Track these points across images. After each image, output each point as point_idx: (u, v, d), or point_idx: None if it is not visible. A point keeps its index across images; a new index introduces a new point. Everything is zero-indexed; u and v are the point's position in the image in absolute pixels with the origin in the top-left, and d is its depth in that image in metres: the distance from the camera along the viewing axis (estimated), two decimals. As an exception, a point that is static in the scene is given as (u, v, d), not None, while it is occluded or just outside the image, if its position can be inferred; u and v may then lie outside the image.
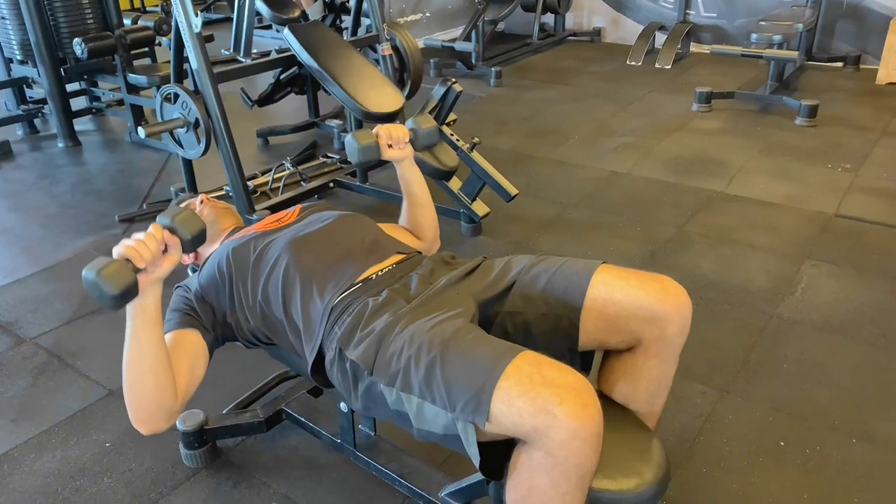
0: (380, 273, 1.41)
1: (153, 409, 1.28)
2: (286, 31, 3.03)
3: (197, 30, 2.53)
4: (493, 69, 4.95)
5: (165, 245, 1.22)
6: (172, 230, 1.23)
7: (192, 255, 1.71)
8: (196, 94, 2.62)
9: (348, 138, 1.60)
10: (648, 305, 1.24)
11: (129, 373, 1.26)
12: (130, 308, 1.20)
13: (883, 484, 1.66)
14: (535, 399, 1.01)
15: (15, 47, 3.87)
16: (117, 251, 1.18)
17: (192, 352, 1.39)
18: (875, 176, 3.32)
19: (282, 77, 3.71)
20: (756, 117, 4.17)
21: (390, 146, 1.63)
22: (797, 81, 4.71)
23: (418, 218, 1.74)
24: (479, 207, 2.85)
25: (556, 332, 1.31)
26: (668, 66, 5.19)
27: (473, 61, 5.15)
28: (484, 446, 1.11)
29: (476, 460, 1.11)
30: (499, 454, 1.14)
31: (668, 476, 1.21)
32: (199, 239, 1.26)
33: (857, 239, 2.77)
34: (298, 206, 1.65)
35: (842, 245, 2.73)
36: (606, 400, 1.35)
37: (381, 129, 1.62)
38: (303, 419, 1.77)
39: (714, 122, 4.12)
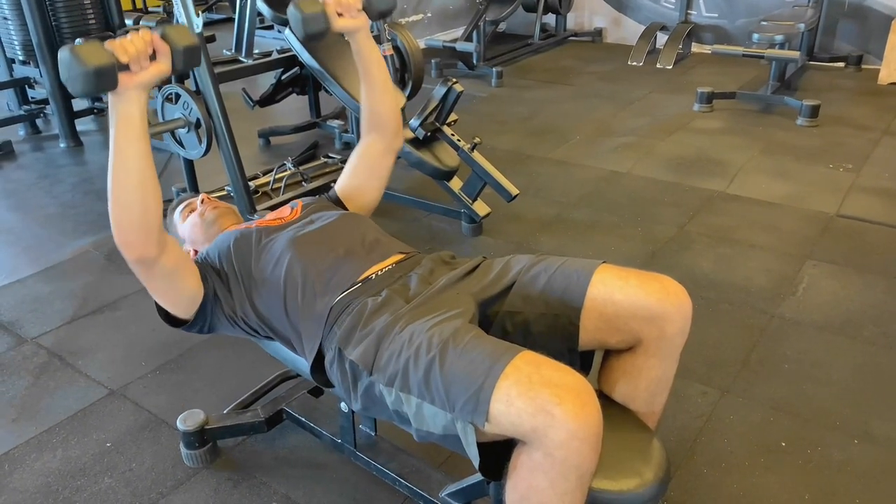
0: (380, 273, 1.40)
1: (141, 229, 1.23)
2: (287, 31, 3.03)
3: (198, 30, 2.54)
4: (494, 69, 4.95)
5: (154, 52, 1.17)
6: (164, 37, 1.17)
7: (193, 254, 1.71)
8: (197, 94, 2.63)
9: (290, 9, 1.40)
10: (648, 305, 1.24)
11: (115, 191, 1.21)
12: (114, 115, 1.16)
13: (884, 484, 1.65)
14: (533, 399, 1.01)
15: (17, 48, 3.87)
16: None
17: (188, 262, 1.40)
18: (876, 176, 3.32)
19: (283, 77, 3.71)
20: (757, 117, 4.17)
21: (341, 15, 1.45)
22: (799, 81, 4.71)
23: (378, 104, 1.61)
24: (480, 207, 2.85)
25: (555, 331, 1.31)
26: (670, 67, 5.19)
27: (474, 61, 5.15)
28: (483, 447, 1.11)
29: (475, 461, 1.11)
30: (498, 454, 1.14)
31: (669, 476, 1.20)
32: (192, 54, 1.19)
33: (858, 239, 2.77)
34: (300, 203, 1.64)
35: (843, 245, 2.72)
36: (606, 400, 1.35)
37: None
38: (303, 419, 1.77)
39: (715, 122, 4.12)
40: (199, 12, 2.53)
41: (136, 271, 1.32)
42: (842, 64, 5.06)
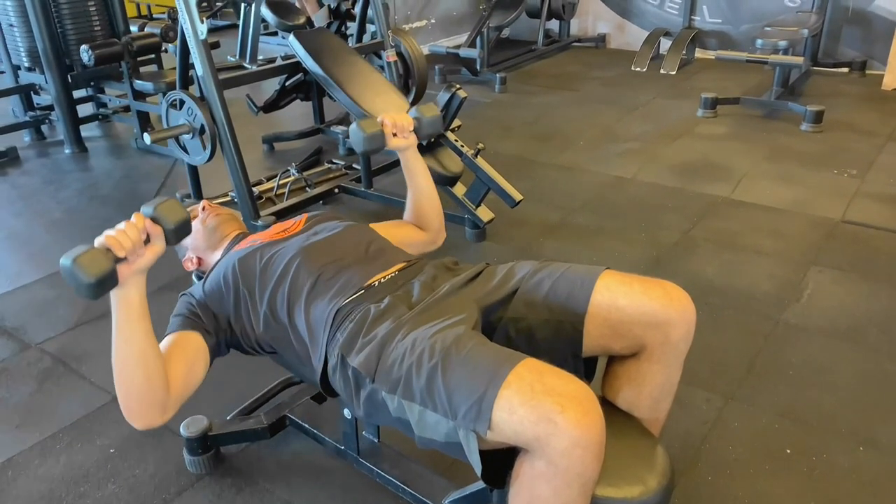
0: (383, 280, 1.40)
1: (144, 403, 1.26)
2: (291, 37, 3.04)
3: (203, 36, 2.55)
4: (497, 75, 4.96)
5: (148, 236, 1.20)
6: (155, 220, 1.20)
7: (195, 261, 1.72)
8: (202, 100, 2.64)
9: (353, 127, 1.60)
10: (652, 311, 1.24)
11: (118, 367, 1.24)
12: (114, 301, 1.19)
13: (891, 491, 1.64)
14: (536, 407, 1.00)
15: (23, 54, 3.89)
16: (97, 241, 1.16)
17: (191, 351, 1.39)
18: (881, 182, 3.31)
19: (287, 83, 3.72)
20: (761, 123, 4.17)
21: (395, 135, 1.64)
22: (803, 87, 4.70)
23: (424, 208, 1.74)
24: (484, 213, 2.85)
25: (559, 338, 1.31)
26: (674, 72, 5.19)
27: (478, 67, 5.16)
28: (486, 454, 1.10)
29: (478, 468, 1.11)
30: (501, 462, 1.13)
31: (673, 484, 1.20)
32: (183, 229, 1.23)
33: (863, 245, 2.76)
34: (304, 216, 1.65)
35: (848, 251, 2.71)
36: (610, 406, 1.35)
37: (386, 118, 1.62)
38: (306, 425, 1.76)
39: (719, 128, 4.11)
40: (204, 19, 2.54)
41: None
42: (846, 69, 5.06)
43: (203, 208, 1.74)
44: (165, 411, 1.30)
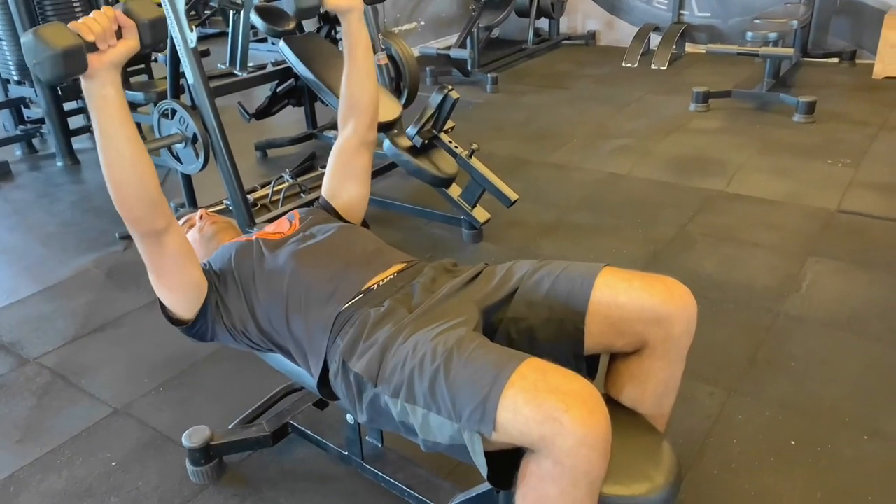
0: (382, 283, 1.40)
1: (144, 202, 1.25)
2: (281, 43, 3.03)
3: (192, 45, 2.53)
4: (489, 75, 4.96)
5: (120, 29, 1.16)
6: (128, 12, 1.16)
7: None
8: (193, 109, 2.63)
9: None
10: (653, 307, 1.23)
11: (109, 172, 1.21)
12: (91, 100, 1.15)
13: (896, 480, 1.64)
14: (540, 407, 1.00)
15: (11, 68, 3.87)
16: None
17: (193, 255, 1.40)
18: (875, 170, 3.31)
19: (279, 89, 3.71)
20: (754, 115, 4.17)
21: None
22: (794, 78, 4.71)
23: (356, 88, 1.60)
24: (480, 214, 2.84)
25: (560, 336, 1.30)
26: (664, 67, 5.20)
27: (469, 68, 5.16)
28: (491, 456, 1.10)
29: (483, 470, 1.10)
30: (507, 463, 1.13)
31: (680, 479, 1.19)
32: (159, 27, 1.18)
33: (860, 234, 2.76)
34: (297, 215, 1.61)
35: (845, 241, 2.72)
36: (614, 404, 1.34)
37: None
38: (309, 432, 1.75)
39: (712, 122, 4.12)
40: (193, 27, 2.53)
41: (146, 250, 1.32)
42: (836, 60, 5.08)
43: (200, 217, 1.72)
44: (169, 221, 1.30)
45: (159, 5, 1.22)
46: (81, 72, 1.11)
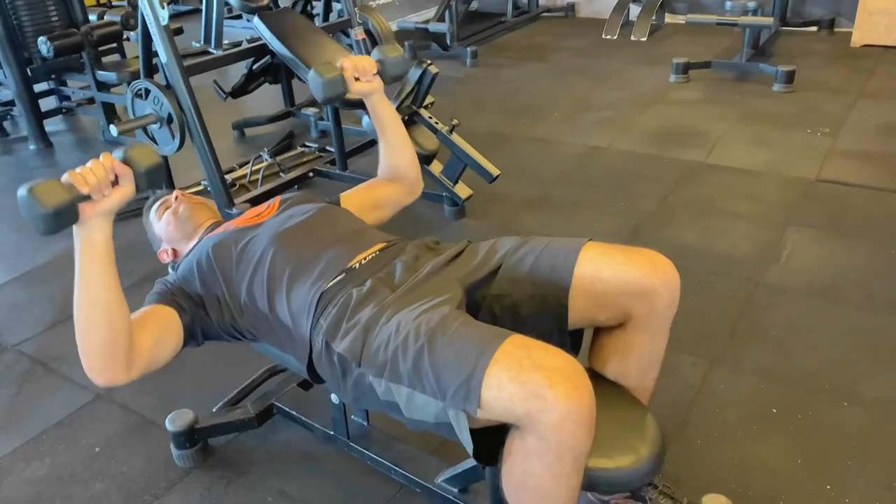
0: (363, 261, 1.38)
1: (107, 356, 1.20)
2: (256, 19, 2.98)
3: (164, 22, 2.48)
4: (468, 49, 4.91)
5: (116, 177, 1.15)
6: (126, 161, 1.16)
7: (170, 252, 1.68)
8: (167, 88, 2.57)
9: (311, 73, 1.51)
10: (637, 280, 1.23)
11: (80, 318, 1.18)
12: (77, 243, 1.14)
13: (875, 444, 1.67)
14: (525, 383, 1.00)
15: (-21, 49, 3.77)
16: (63, 178, 1.11)
17: (162, 323, 1.34)
18: (854, 139, 3.33)
19: (254, 67, 3.65)
20: (733, 85, 4.17)
21: (357, 79, 1.56)
22: (773, 48, 4.71)
23: (396, 158, 1.67)
24: (462, 190, 2.83)
25: (544, 312, 1.30)
26: (644, 39, 5.16)
27: (448, 42, 5.10)
28: (476, 433, 1.10)
29: (469, 447, 1.10)
30: (492, 440, 1.13)
31: (664, 451, 1.20)
32: (156, 174, 1.19)
33: (838, 203, 2.78)
34: (278, 199, 1.61)
35: (824, 209, 2.74)
36: (598, 378, 1.34)
37: (346, 61, 1.54)
38: (294, 413, 1.75)
39: (692, 93, 4.11)
40: (165, 4, 2.47)
41: None
42: (815, 28, 5.08)
43: (175, 198, 1.70)
44: (130, 370, 1.23)
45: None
46: (73, 223, 1.12)
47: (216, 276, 1.42)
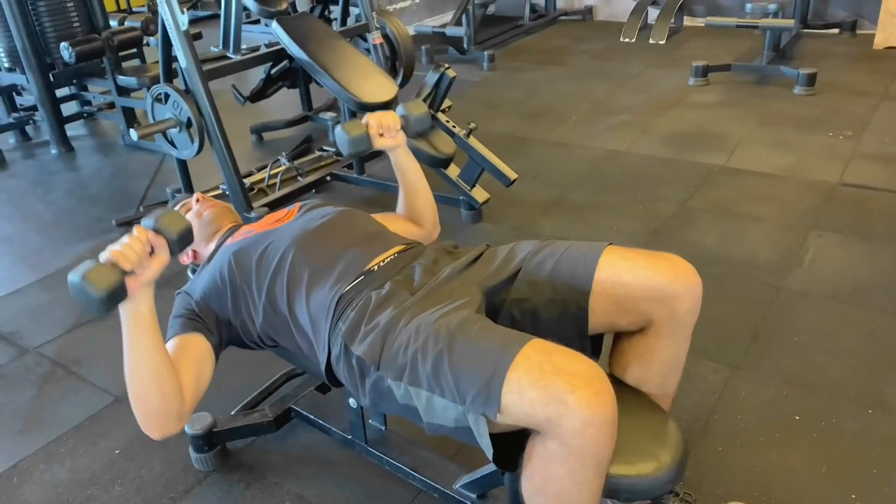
0: (382, 264, 1.38)
1: (161, 415, 1.27)
2: (275, 24, 2.99)
3: (184, 28, 2.50)
4: (485, 53, 4.90)
5: (152, 247, 1.20)
6: (157, 231, 1.21)
7: (190, 254, 1.69)
8: (187, 93, 2.59)
9: (338, 129, 1.58)
10: (658, 285, 1.22)
11: (133, 382, 1.25)
12: (125, 315, 1.19)
13: (901, 453, 1.64)
14: (546, 388, 0.99)
15: (2, 55, 3.82)
16: (103, 257, 1.16)
17: (197, 355, 1.37)
18: (877, 142, 3.29)
19: (273, 72, 3.67)
20: (754, 88, 4.13)
21: (381, 135, 1.61)
22: (794, 50, 4.66)
23: (416, 206, 1.71)
24: (479, 194, 2.82)
25: (564, 317, 1.29)
26: (663, 42, 5.14)
27: (465, 46, 5.10)
28: (496, 437, 1.09)
29: (489, 452, 1.09)
30: (512, 445, 1.12)
31: (686, 458, 1.19)
32: (186, 238, 1.24)
33: (862, 207, 2.74)
34: (297, 204, 1.62)
35: (847, 213, 2.70)
36: (619, 383, 1.33)
37: (371, 118, 1.59)
38: (312, 417, 1.75)
39: (712, 96, 4.08)
40: (185, 10, 2.49)
41: None
42: (836, 30, 5.02)
43: (197, 200, 1.71)
44: (181, 419, 1.30)
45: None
46: (123, 300, 1.16)
47: (238, 283, 1.43)
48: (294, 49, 2.93)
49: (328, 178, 3.20)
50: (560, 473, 1.04)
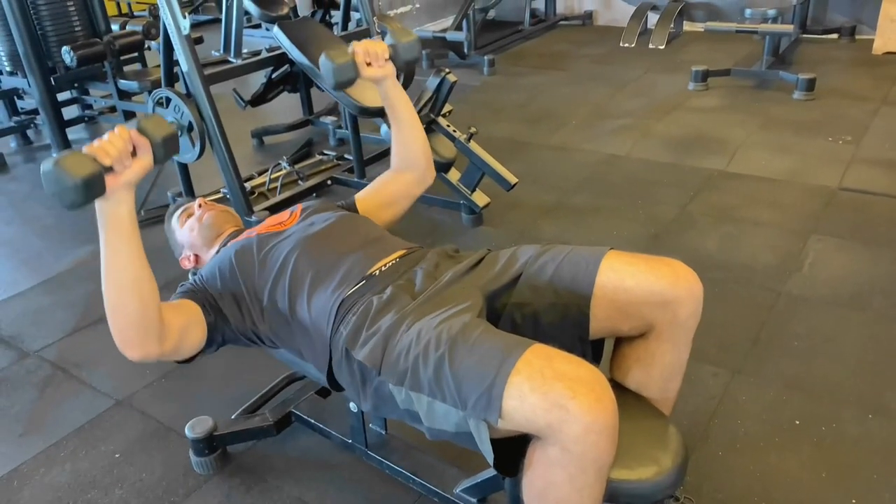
0: (384, 268, 1.38)
1: (140, 327, 1.21)
2: (276, 28, 3.00)
3: (185, 32, 2.50)
4: (485, 58, 4.91)
5: (134, 148, 1.16)
6: (141, 132, 1.16)
7: (192, 258, 1.69)
8: (188, 97, 2.60)
9: (322, 58, 1.46)
10: (660, 290, 1.22)
11: (110, 291, 1.19)
12: (102, 218, 1.15)
13: (901, 458, 1.64)
14: (547, 394, 0.99)
15: (3, 58, 3.83)
16: (83, 151, 1.11)
17: (189, 314, 1.36)
18: (877, 147, 3.29)
19: (274, 76, 3.67)
20: (753, 93, 4.14)
21: (369, 64, 1.51)
22: (793, 55, 4.67)
23: (409, 142, 1.65)
24: (480, 198, 2.82)
25: (565, 321, 1.29)
26: (662, 46, 5.15)
27: (466, 51, 5.11)
28: (497, 443, 1.09)
29: (490, 458, 1.09)
30: (513, 450, 1.12)
31: (687, 462, 1.19)
32: (171, 144, 1.19)
33: (862, 211, 2.74)
34: (299, 207, 1.62)
35: (847, 218, 2.70)
36: (620, 388, 1.33)
37: (358, 46, 1.51)
38: (312, 421, 1.75)
39: (711, 100, 4.09)
40: (186, 14, 2.50)
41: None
42: (835, 35, 5.03)
43: (199, 205, 1.71)
44: (162, 343, 1.25)
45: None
46: (100, 196, 1.11)
47: (238, 281, 1.43)
48: (295, 53, 2.94)
49: (329, 181, 3.20)
50: (561, 479, 1.04)
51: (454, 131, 2.74)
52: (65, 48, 3.55)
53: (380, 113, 2.78)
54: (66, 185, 1.05)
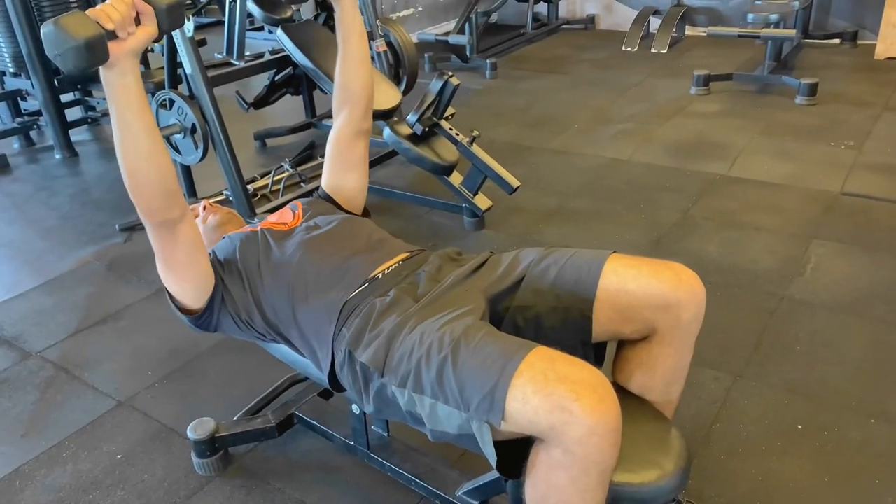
0: (386, 271, 1.38)
1: (160, 194, 1.23)
2: (279, 31, 3.01)
3: (189, 34, 2.51)
4: (488, 61, 4.92)
5: (138, 15, 1.13)
6: None
7: None
8: (191, 99, 2.61)
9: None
10: (662, 293, 1.22)
11: (128, 162, 1.20)
12: (111, 88, 1.13)
13: (903, 463, 1.64)
14: (550, 396, 0.99)
15: (7, 60, 3.84)
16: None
17: (204, 251, 1.38)
18: (879, 152, 3.29)
19: (276, 78, 3.68)
20: (755, 98, 4.14)
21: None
22: (795, 60, 4.68)
23: (350, 75, 1.57)
24: (482, 201, 2.83)
25: (568, 324, 1.29)
26: (664, 51, 5.15)
27: (468, 54, 5.12)
28: (500, 445, 1.09)
29: (493, 460, 1.09)
30: (516, 452, 1.12)
31: (689, 466, 1.19)
32: (177, 12, 1.15)
33: (863, 216, 2.75)
34: (300, 205, 1.60)
35: (848, 223, 2.70)
36: (622, 391, 1.33)
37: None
38: (314, 422, 1.75)
39: (713, 105, 4.09)
40: (190, 16, 2.51)
41: (158, 240, 1.30)
42: (837, 41, 5.04)
43: (204, 207, 1.71)
44: (181, 207, 1.28)
45: None
46: (104, 62, 1.09)
47: (239, 269, 1.43)
48: (298, 56, 2.95)
49: (331, 184, 3.20)
50: (564, 481, 1.04)
51: (457, 134, 2.75)
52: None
53: (384, 116, 2.79)
54: (68, 45, 1.03)
